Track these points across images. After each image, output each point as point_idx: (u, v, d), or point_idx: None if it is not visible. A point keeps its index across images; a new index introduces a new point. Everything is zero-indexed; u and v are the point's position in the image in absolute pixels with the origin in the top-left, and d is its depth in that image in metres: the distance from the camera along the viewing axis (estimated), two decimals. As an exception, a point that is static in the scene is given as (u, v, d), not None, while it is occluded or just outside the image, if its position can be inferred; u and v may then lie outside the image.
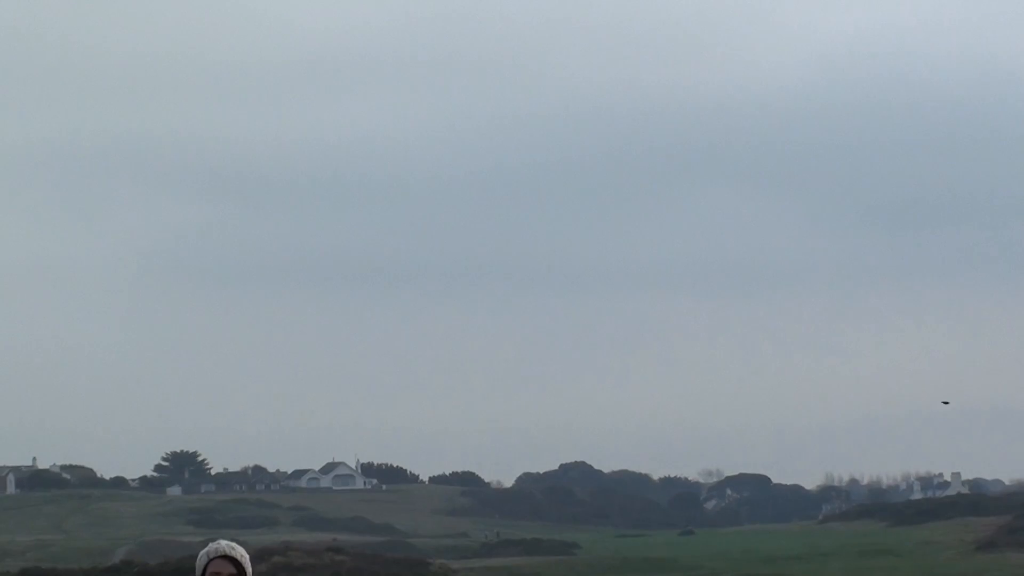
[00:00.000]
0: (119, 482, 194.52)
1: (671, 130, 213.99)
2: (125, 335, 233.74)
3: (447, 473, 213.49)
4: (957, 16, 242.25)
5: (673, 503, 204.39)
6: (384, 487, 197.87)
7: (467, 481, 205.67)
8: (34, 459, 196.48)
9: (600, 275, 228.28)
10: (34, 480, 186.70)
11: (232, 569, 8.06)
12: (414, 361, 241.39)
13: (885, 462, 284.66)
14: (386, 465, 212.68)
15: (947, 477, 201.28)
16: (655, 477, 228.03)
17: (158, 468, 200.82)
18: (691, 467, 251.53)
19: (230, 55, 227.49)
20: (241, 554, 8.12)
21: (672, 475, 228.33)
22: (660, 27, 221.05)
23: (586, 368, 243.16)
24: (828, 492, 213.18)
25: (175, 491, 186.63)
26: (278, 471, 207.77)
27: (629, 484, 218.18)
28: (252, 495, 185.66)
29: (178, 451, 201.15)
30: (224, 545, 8.14)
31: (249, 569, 8.15)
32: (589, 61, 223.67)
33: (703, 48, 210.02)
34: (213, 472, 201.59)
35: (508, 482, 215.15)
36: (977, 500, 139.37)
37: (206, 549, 8.17)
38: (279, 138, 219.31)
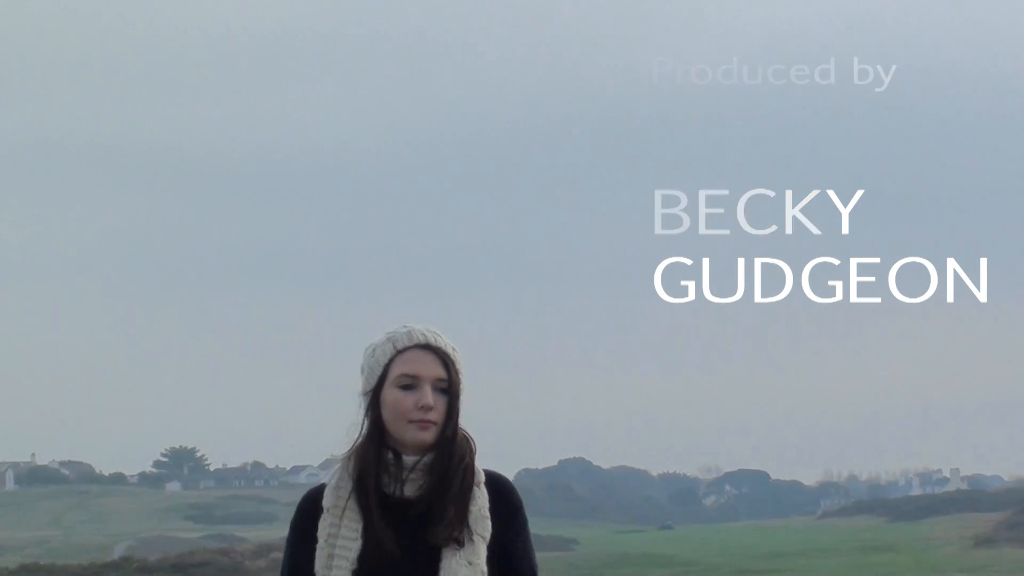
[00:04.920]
0: (118, 478, 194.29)
1: (663, 113, 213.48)
2: (124, 329, 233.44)
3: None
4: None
5: (672, 499, 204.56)
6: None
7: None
8: (33, 455, 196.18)
9: (599, 267, 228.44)
10: (33, 476, 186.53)
11: (440, 371, 3.72)
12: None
13: (884, 458, 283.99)
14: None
15: (946, 473, 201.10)
16: (654, 473, 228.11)
17: (157, 464, 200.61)
18: (690, 463, 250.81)
19: (194, 40, 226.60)
20: (452, 347, 3.81)
21: (671, 471, 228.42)
22: (599, 8, 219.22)
23: (584, 363, 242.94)
24: (827, 488, 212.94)
25: (174, 487, 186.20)
26: (277, 467, 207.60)
27: (628, 480, 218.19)
28: (251, 491, 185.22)
29: (177, 447, 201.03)
30: (422, 330, 3.83)
31: (462, 370, 3.78)
32: (520, 43, 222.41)
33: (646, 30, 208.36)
34: (212, 468, 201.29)
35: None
36: (976, 496, 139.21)
37: (389, 334, 3.88)
38: (261, 126, 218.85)
